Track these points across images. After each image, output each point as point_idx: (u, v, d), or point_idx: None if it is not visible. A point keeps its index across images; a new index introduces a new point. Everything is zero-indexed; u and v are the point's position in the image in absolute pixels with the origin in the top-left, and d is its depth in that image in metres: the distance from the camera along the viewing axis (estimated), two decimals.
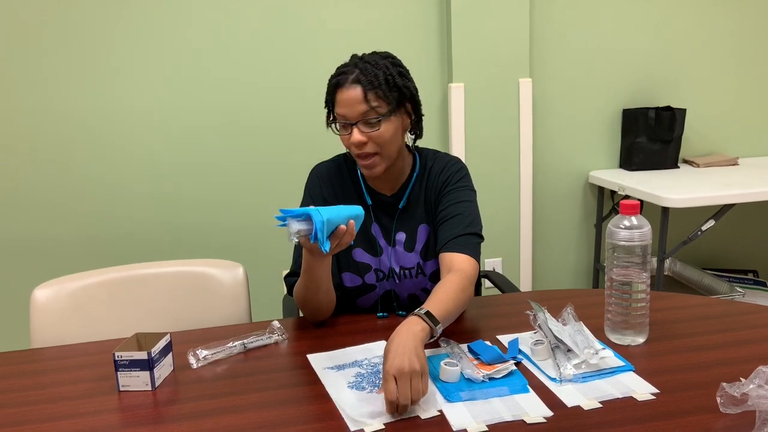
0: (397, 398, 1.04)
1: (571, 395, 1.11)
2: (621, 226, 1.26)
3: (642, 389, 1.11)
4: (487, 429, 1.02)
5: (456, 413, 1.06)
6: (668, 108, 2.83)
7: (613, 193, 2.84)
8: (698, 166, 2.87)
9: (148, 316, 1.66)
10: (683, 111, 2.82)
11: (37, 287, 1.61)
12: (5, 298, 2.52)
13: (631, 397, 1.09)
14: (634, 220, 1.26)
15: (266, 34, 2.56)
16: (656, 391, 1.10)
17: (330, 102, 1.43)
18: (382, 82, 1.37)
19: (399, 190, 1.53)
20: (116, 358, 1.19)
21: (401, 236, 1.52)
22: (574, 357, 1.19)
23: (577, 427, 1.02)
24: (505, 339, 1.33)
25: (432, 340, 1.21)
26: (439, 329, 1.20)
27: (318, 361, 1.27)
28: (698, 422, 1.01)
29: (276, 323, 1.42)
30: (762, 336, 1.31)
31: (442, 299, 1.26)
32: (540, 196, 2.89)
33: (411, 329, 1.15)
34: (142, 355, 1.18)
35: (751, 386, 0.97)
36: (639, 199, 2.46)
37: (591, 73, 2.86)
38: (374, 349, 1.30)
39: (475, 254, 1.42)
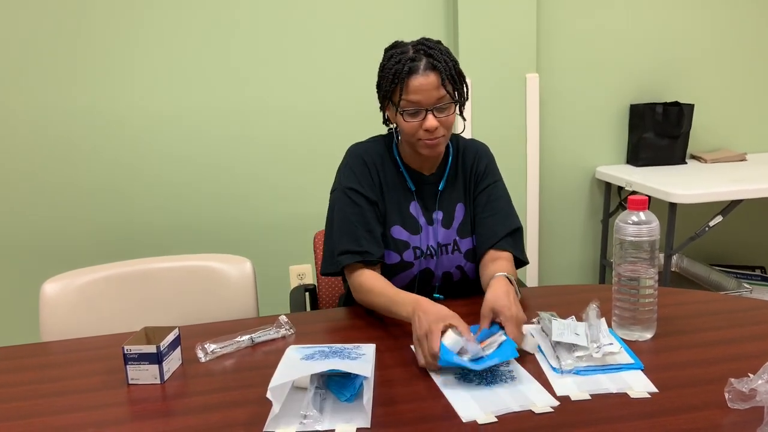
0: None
1: (566, 386, 1.12)
2: (629, 221, 1.26)
3: (639, 387, 1.11)
4: (496, 420, 1.03)
5: (464, 405, 1.07)
6: (676, 103, 2.82)
7: (620, 188, 2.84)
8: (706, 161, 2.86)
9: (156, 310, 1.66)
10: (691, 106, 2.81)
11: (46, 281, 1.62)
12: (15, 292, 2.54)
13: (626, 393, 1.09)
14: (641, 215, 1.25)
15: (271, 29, 2.56)
16: (655, 390, 1.10)
17: (394, 89, 1.44)
18: (452, 69, 1.44)
19: (437, 170, 1.59)
20: (125, 352, 1.20)
21: (439, 215, 1.57)
22: (581, 350, 1.19)
23: (583, 422, 1.02)
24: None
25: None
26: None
27: None
28: (706, 418, 1.01)
29: (283, 318, 1.43)
30: None
31: (510, 271, 1.45)
32: (547, 191, 2.89)
33: (508, 286, 1.33)
34: (151, 349, 1.19)
35: (760, 382, 0.97)
36: (646, 195, 2.46)
37: (598, 68, 2.85)
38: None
39: (521, 248, 1.58)
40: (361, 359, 1.14)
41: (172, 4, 2.47)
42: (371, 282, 1.45)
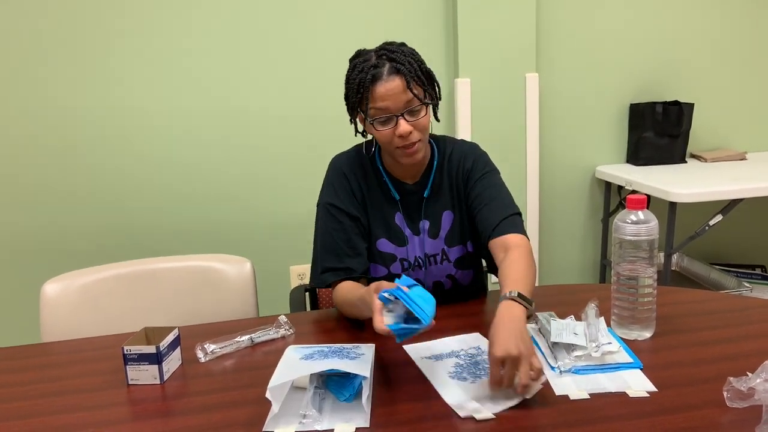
0: (503, 382, 1.06)
1: (564, 385, 1.12)
2: (628, 220, 1.26)
3: (638, 386, 1.11)
4: (494, 417, 1.04)
5: (462, 404, 1.07)
6: (676, 102, 2.82)
7: (620, 188, 2.84)
8: (706, 160, 2.86)
9: (156, 310, 1.67)
10: (691, 105, 2.81)
11: (47, 282, 1.63)
12: (16, 292, 2.54)
13: (625, 392, 1.09)
14: (640, 214, 1.26)
15: (270, 29, 2.56)
16: (653, 389, 1.10)
17: (360, 99, 1.40)
18: (417, 69, 1.39)
19: (421, 178, 1.54)
20: (125, 352, 1.20)
21: (425, 224, 1.53)
22: (580, 349, 1.19)
23: (581, 421, 1.02)
24: None
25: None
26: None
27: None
28: (705, 416, 1.01)
29: (283, 318, 1.43)
30: None
31: (521, 276, 1.25)
32: (546, 191, 2.89)
33: (512, 313, 1.14)
34: (151, 349, 1.19)
35: (758, 380, 0.97)
36: (646, 194, 2.46)
37: (598, 67, 2.85)
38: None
39: (524, 231, 1.44)
40: (360, 359, 1.15)
41: (169, 7, 2.47)
42: (341, 294, 1.45)
